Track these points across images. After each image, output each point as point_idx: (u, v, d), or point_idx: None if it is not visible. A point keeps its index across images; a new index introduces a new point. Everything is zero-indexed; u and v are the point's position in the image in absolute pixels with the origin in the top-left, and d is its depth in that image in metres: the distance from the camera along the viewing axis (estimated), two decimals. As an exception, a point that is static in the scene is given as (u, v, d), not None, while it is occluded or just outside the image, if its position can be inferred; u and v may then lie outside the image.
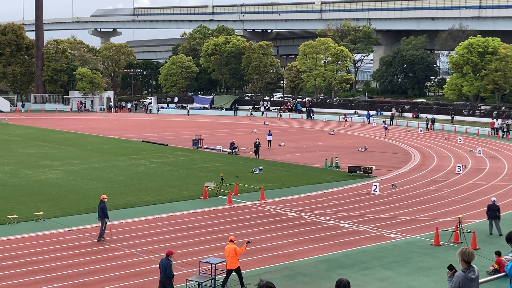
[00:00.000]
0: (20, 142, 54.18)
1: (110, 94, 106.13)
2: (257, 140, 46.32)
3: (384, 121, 71.14)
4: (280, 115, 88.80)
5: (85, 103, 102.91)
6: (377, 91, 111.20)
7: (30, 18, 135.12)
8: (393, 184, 35.05)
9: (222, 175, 33.49)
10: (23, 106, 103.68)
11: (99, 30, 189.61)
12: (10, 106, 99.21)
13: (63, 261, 20.49)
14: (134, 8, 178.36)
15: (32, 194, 31.24)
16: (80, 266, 20.00)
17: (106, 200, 23.48)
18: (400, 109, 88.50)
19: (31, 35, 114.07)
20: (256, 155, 45.32)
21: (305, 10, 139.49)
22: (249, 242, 19.10)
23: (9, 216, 25.69)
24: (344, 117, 79.88)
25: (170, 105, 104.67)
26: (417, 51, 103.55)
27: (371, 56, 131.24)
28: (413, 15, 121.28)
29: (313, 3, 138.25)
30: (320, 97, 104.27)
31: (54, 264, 20.14)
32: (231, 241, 18.31)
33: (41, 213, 26.38)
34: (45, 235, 23.75)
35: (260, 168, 39.54)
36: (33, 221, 25.68)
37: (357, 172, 38.71)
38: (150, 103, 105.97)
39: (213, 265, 18.66)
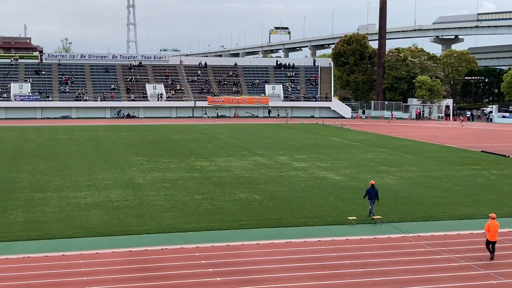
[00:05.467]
0: (360, 147, 56.65)
1: (449, 102, 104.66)
2: None
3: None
4: (461, 122, 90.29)
5: (423, 111, 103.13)
6: None
7: (374, 28, 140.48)
8: None
9: None
10: (363, 112, 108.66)
11: (440, 37, 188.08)
12: (352, 112, 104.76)
13: (400, 266, 20.81)
14: (478, 14, 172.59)
15: (370, 197, 32.34)
16: (415, 273, 20.08)
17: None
18: None
19: (374, 44, 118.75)
20: None
21: None
22: None
23: (349, 218, 27.09)
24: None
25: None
26: None
27: None
28: None
29: None
30: None
31: (390, 268, 20.57)
32: (493, 218, 21.50)
33: (379, 217, 27.17)
34: (382, 238, 24.42)
35: None
36: (371, 224, 26.62)
37: None
38: (491, 111, 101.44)
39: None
